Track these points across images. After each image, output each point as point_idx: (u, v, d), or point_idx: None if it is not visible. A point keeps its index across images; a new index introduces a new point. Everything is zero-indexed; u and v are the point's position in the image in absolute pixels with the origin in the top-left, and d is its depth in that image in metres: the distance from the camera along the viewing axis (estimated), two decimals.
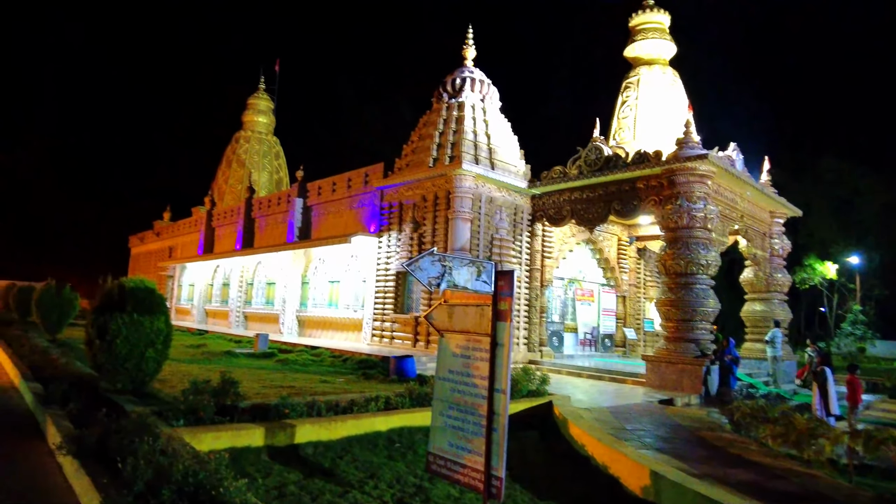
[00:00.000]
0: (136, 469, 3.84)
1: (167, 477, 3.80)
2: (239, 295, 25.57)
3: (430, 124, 18.22)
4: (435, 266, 4.85)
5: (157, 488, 3.73)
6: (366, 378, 11.99)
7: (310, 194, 23.43)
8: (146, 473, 3.82)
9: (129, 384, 7.43)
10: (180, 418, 6.24)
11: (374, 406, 7.81)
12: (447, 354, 5.62)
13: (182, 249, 35.43)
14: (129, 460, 3.92)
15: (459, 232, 15.94)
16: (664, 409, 10.70)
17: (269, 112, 42.50)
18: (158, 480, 3.78)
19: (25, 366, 9.63)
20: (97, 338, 7.21)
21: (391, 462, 6.61)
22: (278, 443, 6.42)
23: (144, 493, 3.74)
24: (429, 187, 17.19)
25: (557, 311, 19.91)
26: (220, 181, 40.34)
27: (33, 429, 6.71)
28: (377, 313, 18.06)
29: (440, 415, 5.54)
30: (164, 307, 7.81)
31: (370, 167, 19.91)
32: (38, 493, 4.79)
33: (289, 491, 5.38)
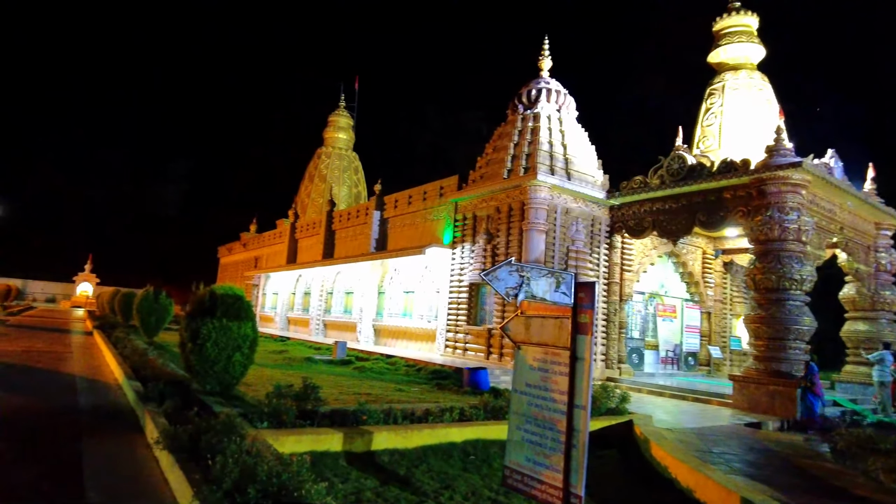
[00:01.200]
0: (225, 467, 4.01)
1: (253, 476, 3.94)
2: (319, 303, 26.46)
3: (504, 136, 18.20)
4: (513, 276, 4.79)
5: (243, 487, 3.87)
6: (439, 388, 12.02)
7: (386, 207, 23.98)
8: (234, 472, 3.98)
9: (217, 386, 7.82)
10: (264, 420, 6.49)
11: (449, 417, 7.80)
12: (524, 367, 5.52)
13: (267, 260, 37.17)
14: (218, 458, 4.10)
15: (534, 243, 15.74)
16: (754, 433, 10.01)
17: (348, 128, 44.02)
18: (245, 479, 3.93)
19: (128, 366, 10.37)
20: (190, 341, 7.66)
21: (466, 474, 6.55)
22: (356, 448, 6.53)
23: (232, 491, 3.89)
24: (503, 199, 17.13)
25: (637, 326, 19.18)
26: (303, 195, 42.13)
27: (135, 423, 7.19)
28: (450, 324, 18.12)
29: (517, 429, 5.44)
30: (250, 313, 8.17)
31: (445, 180, 20.12)
32: (138, 481, 5.12)
33: (365, 497, 5.44)
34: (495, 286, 4.70)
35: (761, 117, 18.88)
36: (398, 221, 23.12)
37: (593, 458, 7.91)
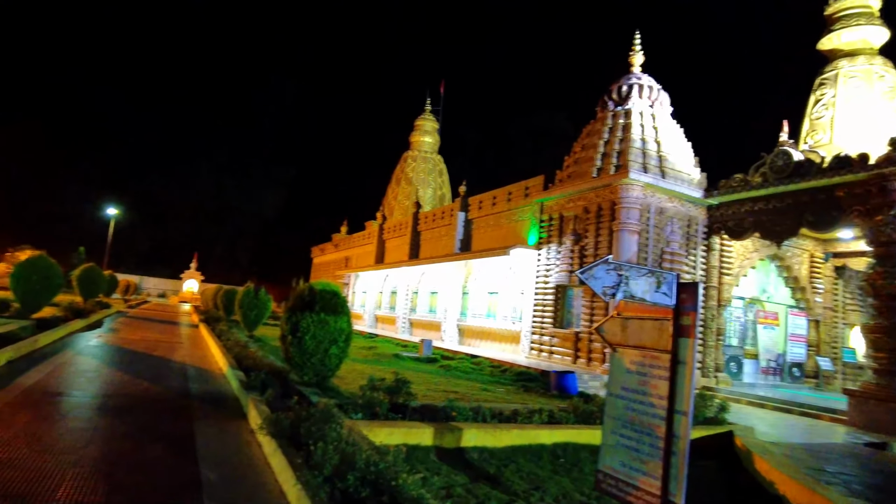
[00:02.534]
0: (325, 454, 4.18)
1: (351, 463, 4.08)
2: (405, 302, 27.03)
3: (593, 134, 17.76)
4: (610, 275, 4.66)
5: (343, 473, 4.02)
6: (525, 390, 11.91)
7: (471, 208, 24.10)
8: (333, 458, 4.14)
9: (313, 377, 8.18)
10: (358, 412, 6.70)
11: (538, 418, 7.70)
12: (620, 370, 5.35)
13: (356, 260, 38.47)
14: (319, 445, 4.28)
15: (625, 245, 15.23)
16: (876, 454, 9.12)
17: (433, 132, 44.69)
18: (344, 466, 4.07)
19: (231, 357, 11.07)
20: (290, 333, 8.06)
21: (556, 476, 6.44)
22: (445, 444, 6.60)
23: (332, 477, 4.05)
24: (592, 198, 16.71)
25: (736, 334, 18.09)
26: (390, 197, 43.25)
27: (238, 409, 7.66)
28: (535, 326, 17.90)
29: (612, 433, 5.27)
30: (346, 309, 8.48)
31: (530, 180, 19.93)
32: (243, 463, 5.45)
33: (455, 492, 5.48)
34: (591, 285, 4.58)
35: (882, 108, 17.23)
36: (482, 222, 23.17)
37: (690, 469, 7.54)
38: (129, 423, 6.38)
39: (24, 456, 4.89)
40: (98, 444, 5.48)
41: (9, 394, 7.06)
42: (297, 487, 4.18)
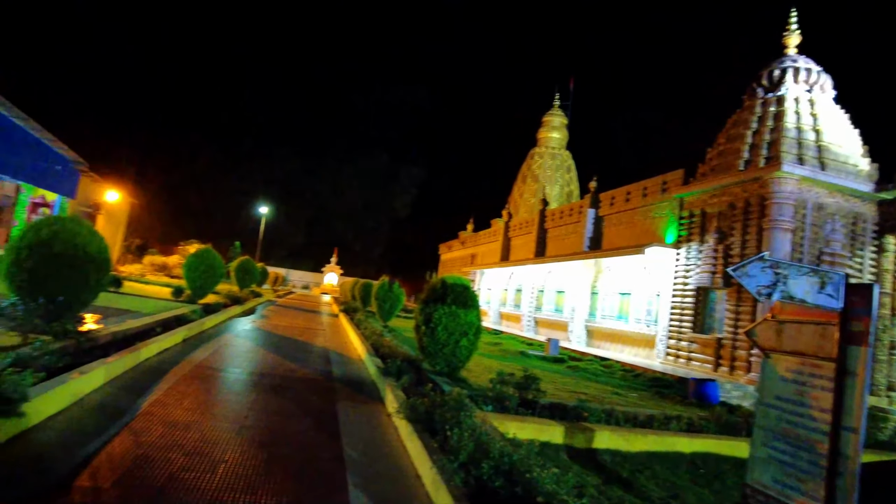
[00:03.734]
0: (461, 440, 4.29)
1: (486, 452, 4.16)
2: (530, 301, 26.87)
3: (740, 123, 16.37)
4: (766, 273, 4.28)
5: (478, 461, 4.10)
6: (660, 397, 11.32)
7: (602, 204, 23.32)
8: (469, 446, 4.24)
9: (445, 367, 8.43)
10: (489, 404, 6.80)
11: (676, 425, 7.30)
12: (774, 378, 4.91)
13: (482, 257, 38.94)
14: (455, 431, 4.41)
15: (777, 244, 13.88)
16: None
17: (562, 128, 43.88)
18: (479, 454, 4.16)
19: (369, 344, 11.75)
20: (423, 324, 8.38)
21: (695, 487, 6.07)
22: (576, 444, 6.48)
23: (467, 463, 4.15)
24: (738, 193, 15.42)
25: None
26: (516, 195, 43.20)
27: (375, 394, 8.11)
28: (672, 331, 16.91)
29: (763, 445, 4.86)
30: (476, 302, 8.64)
31: (668, 174, 18.84)
32: (381, 443, 5.77)
33: (588, 493, 5.36)
34: (745, 283, 4.24)
35: None
36: (614, 219, 22.32)
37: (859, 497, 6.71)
38: (280, 400, 7.02)
39: (198, 421, 5.57)
40: (255, 416, 6.10)
41: (183, 368, 8.07)
42: (433, 471, 4.34)
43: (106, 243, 8.16)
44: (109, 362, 6.59)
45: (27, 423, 4.47)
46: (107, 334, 8.14)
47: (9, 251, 7.42)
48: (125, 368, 7.09)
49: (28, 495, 3.53)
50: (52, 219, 7.75)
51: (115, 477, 3.96)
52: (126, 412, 5.47)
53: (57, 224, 7.59)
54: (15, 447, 4.18)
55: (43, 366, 5.48)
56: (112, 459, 4.26)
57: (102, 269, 8.12)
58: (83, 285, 7.66)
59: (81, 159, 28.62)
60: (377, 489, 4.51)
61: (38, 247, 7.23)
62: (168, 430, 5.12)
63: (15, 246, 7.37)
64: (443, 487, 4.09)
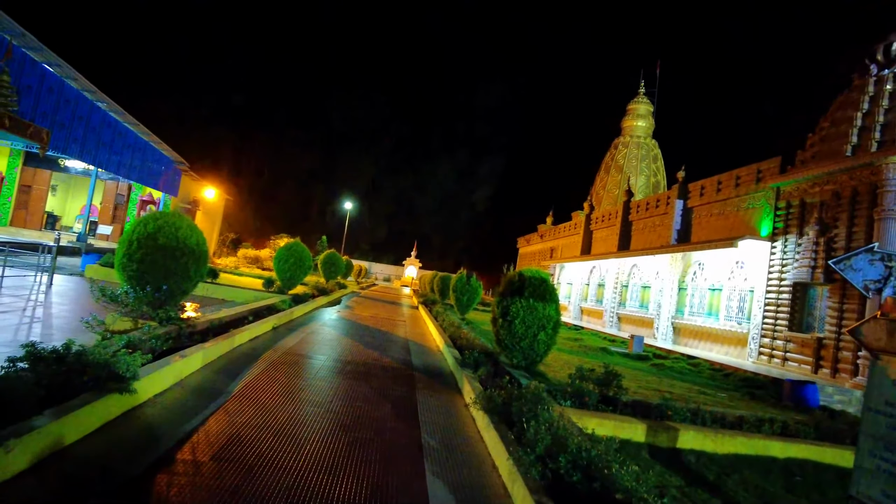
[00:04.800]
0: (538, 434, 4.26)
1: (563, 446, 4.11)
2: (613, 296, 26.12)
3: (848, 105, 15.03)
4: (875, 266, 3.92)
5: (554, 454, 4.06)
6: (751, 398, 10.69)
7: (690, 195, 22.22)
8: (545, 439, 4.21)
9: (522, 360, 8.38)
10: (567, 399, 6.70)
11: (769, 428, 6.87)
12: (883, 381, 4.51)
13: (562, 250, 38.25)
14: (532, 424, 4.39)
15: (891, 236, 12.66)
16: None
17: (648, 115, 42.16)
18: (556, 448, 4.11)
19: (447, 336, 11.89)
20: (500, 317, 8.37)
21: (789, 496, 5.68)
22: (659, 443, 6.26)
23: (544, 456, 4.12)
24: (844, 181, 14.19)
25: None
26: (598, 187, 42.04)
27: (453, 384, 8.22)
28: (766, 329, 15.87)
29: (870, 455, 4.48)
30: (555, 296, 8.52)
31: (763, 162, 17.63)
32: (458, 431, 5.84)
33: (670, 493, 5.17)
34: (849, 277, 3.91)
35: None
36: (704, 211, 21.19)
37: None
38: (362, 386, 7.26)
39: (285, 404, 5.89)
40: (339, 401, 6.36)
41: (275, 353, 8.54)
42: (509, 462, 4.35)
43: (204, 237, 8.74)
44: (207, 347, 7.08)
45: (137, 400, 4.90)
46: (204, 321, 8.74)
47: (122, 244, 8.14)
48: (220, 353, 7.59)
49: (140, 465, 3.88)
50: (157, 214, 8.42)
51: (211, 452, 4.27)
52: (221, 394, 5.86)
53: (161, 219, 8.23)
54: (129, 421, 4.60)
55: (150, 349, 5.98)
56: (209, 437, 4.59)
57: (201, 260, 8.72)
58: (184, 275, 8.26)
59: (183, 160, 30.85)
60: (454, 477, 4.57)
61: (145, 240, 7.88)
62: (258, 412, 5.45)
63: (126, 239, 8.08)
64: (519, 479, 4.09)
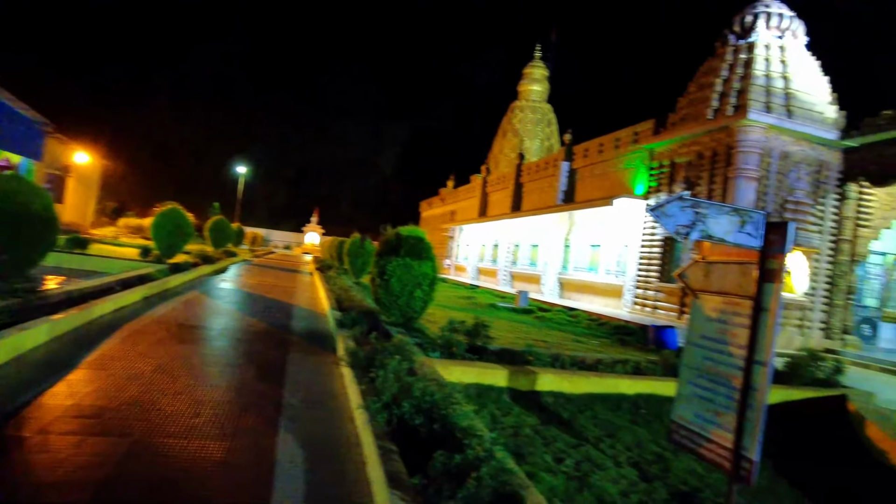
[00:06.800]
0: (386, 381, 4.37)
1: (409, 392, 4.24)
2: (507, 255, 27.04)
3: (711, 72, 16.23)
4: (685, 213, 4.30)
5: (400, 400, 4.19)
6: (621, 344, 11.57)
7: (576, 157, 23.24)
8: (393, 387, 4.32)
9: (400, 318, 8.52)
10: (437, 351, 6.91)
11: (622, 369, 7.49)
12: (701, 318, 5.02)
13: (461, 213, 38.87)
14: (380, 373, 4.49)
15: (741, 193, 14.00)
16: None
17: (543, 80, 43.18)
18: (402, 394, 4.24)
19: (334, 299, 11.80)
20: (378, 276, 8.41)
21: (633, 427, 6.27)
22: (520, 387, 6.64)
23: (390, 403, 4.24)
24: (706, 143, 15.42)
25: (875, 293, 16.14)
26: (496, 150, 42.80)
27: (331, 345, 8.20)
28: (640, 281, 17.16)
29: (688, 383, 5.01)
30: (430, 254, 8.67)
31: (639, 125, 18.74)
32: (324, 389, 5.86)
33: (524, 433, 5.53)
34: (663, 223, 4.27)
35: None
36: (587, 172, 22.29)
37: (790, 430, 6.99)
38: (231, 352, 7.07)
39: (138, 374, 5.61)
40: (201, 368, 6.15)
41: (138, 324, 8.07)
42: (360, 411, 4.44)
43: (50, 201, 8.00)
44: (55, 319, 6.55)
45: None
46: (61, 293, 8.07)
47: None
48: (74, 325, 7.06)
49: None
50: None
51: (38, 427, 3.99)
52: (66, 366, 5.47)
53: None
54: None
55: None
56: (41, 411, 4.29)
57: (49, 227, 7.99)
58: (28, 244, 7.54)
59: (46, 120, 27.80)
60: (308, 430, 4.60)
61: None
62: (108, 382, 5.15)
63: None
64: (368, 427, 4.19)
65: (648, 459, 5.34)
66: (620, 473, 4.84)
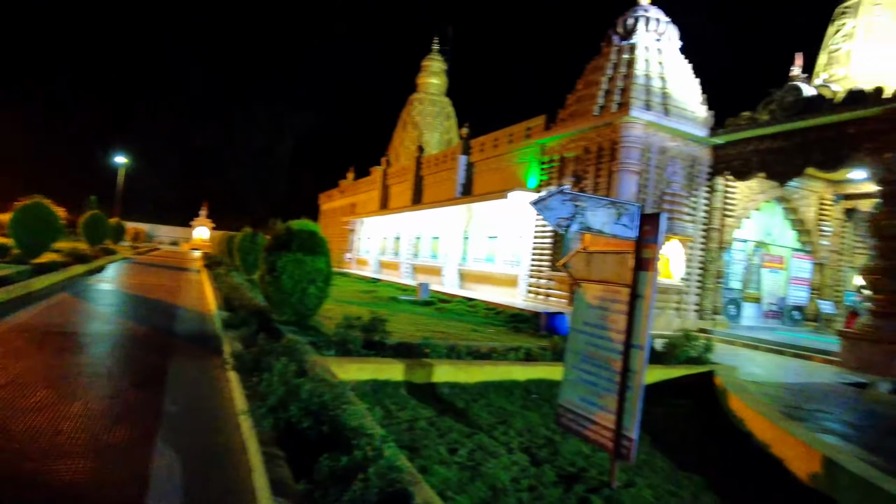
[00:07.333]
0: (271, 384, 4.18)
1: (297, 395, 4.08)
2: (409, 248, 27.06)
3: (597, 70, 17.09)
4: (566, 206, 4.47)
5: (286, 404, 4.02)
6: (516, 331, 11.95)
7: (473, 151, 23.66)
8: (279, 390, 4.14)
9: (293, 316, 8.22)
10: (331, 349, 6.74)
11: (514, 356, 7.71)
12: (583, 305, 5.26)
13: (361, 206, 38.35)
14: (265, 376, 4.29)
15: (625, 186, 14.90)
16: (858, 394, 9.07)
17: (441, 73, 43.43)
18: (289, 397, 4.07)
19: (222, 298, 11.18)
20: (267, 273, 8.05)
21: (525, 412, 6.47)
22: (416, 380, 6.63)
23: (276, 407, 4.06)
24: (593, 138, 16.25)
25: (738, 277, 17.85)
26: (396, 142, 42.58)
27: (218, 347, 7.75)
28: (533, 270, 17.83)
29: (573, 368, 5.24)
30: (324, 249, 8.42)
31: (531, 120, 19.41)
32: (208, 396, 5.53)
33: (419, 426, 5.52)
34: (545, 216, 4.41)
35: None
36: (484, 165, 22.78)
37: (665, 408, 7.55)
38: (104, 360, 6.48)
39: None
40: (69, 381, 5.57)
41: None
42: (244, 416, 4.22)
43: None
44: None
45: None
46: None
47: None
48: None
49: None
50: None
51: None
52: None
53: None
54: None
55: None
56: None
57: None
58: None
59: None
60: (189, 441, 4.31)
61: None
62: None
63: None
64: (253, 432, 3.99)
65: (539, 444, 5.53)
66: (512, 460, 4.97)
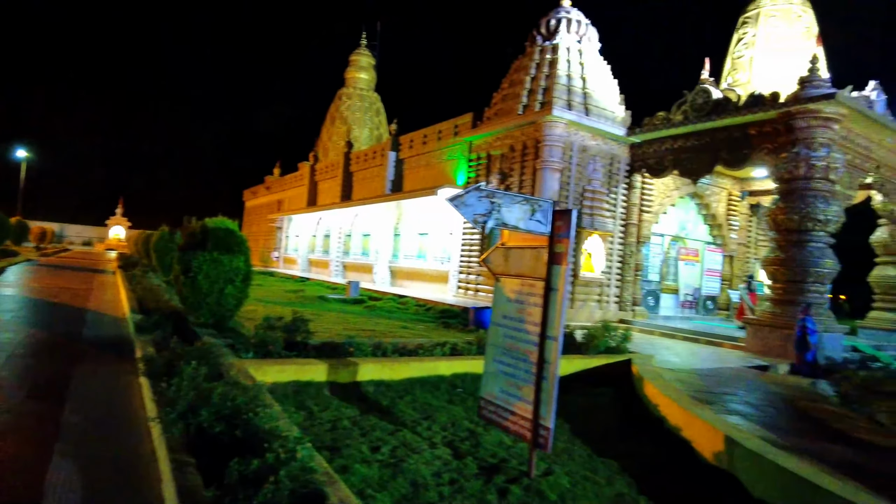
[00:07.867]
0: (180, 390, 4.02)
1: (208, 400, 3.94)
2: (338, 246, 26.65)
3: (521, 70, 17.45)
4: (482, 202, 4.55)
5: (197, 409, 3.87)
6: (445, 327, 12.05)
7: (402, 147, 23.60)
8: (189, 395, 3.99)
9: (210, 318, 7.91)
10: (250, 351, 6.54)
11: (440, 351, 7.78)
12: (502, 299, 5.37)
13: (289, 203, 37.41)
14: (174, 381, 4.12)
15: (547, 183, 15.31)
16: (760, 376, 9.79)
17: (370, 68, 42.95)
18: (200, 402, 3.93)
19: (136, 301, 10.61)
20: (182, 274, 7.71)
21: (450, 406, 6.54)
22: (340, 379, 6.56)
23: (186, 413, 3.90)
24: (518, 136, 16.59)
25: (656, 269, 18.77)
26: (325, 138, 41.76)
27: (131, 352, 7.35)
28: (463, 266, 18.02)
29: (493, 361, 5.35)
30: (243, 247, 8.15)
31: (459, 118, 19.58)
32: (117, 404, 5.25)
33: (342, 426, 5.47)
34: (462, 213, 4.47)
35: (798, 47, 17.64)
36: (413, 162, 22.78)
37: (585, 397, 7.84)
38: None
39: None
40: None
41: None
42: (153, 423, 4.04)
43: None
44: None
45: None
46: None
47: None
48: None
49: None
50: None
51: None
52: None
53: None
54: None
55: None
56: None
57: None
58: None
59: None
60: (93, 452, 4.09)
61: None
62: None
63: None
64: (162, 440, 3.83)
65: (462, 437, 5.61)
66: (435, 454, 5.01)
